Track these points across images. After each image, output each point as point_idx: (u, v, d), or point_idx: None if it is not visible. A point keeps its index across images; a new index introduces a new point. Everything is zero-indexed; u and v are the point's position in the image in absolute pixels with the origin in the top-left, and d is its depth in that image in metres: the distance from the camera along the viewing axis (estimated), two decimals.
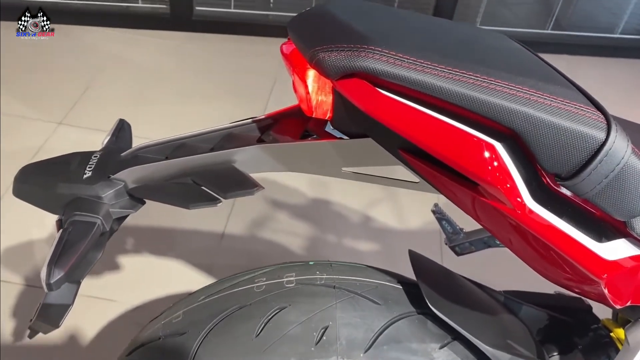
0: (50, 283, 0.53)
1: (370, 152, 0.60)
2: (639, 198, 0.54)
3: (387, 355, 0.73)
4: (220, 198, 0.61)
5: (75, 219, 0.59)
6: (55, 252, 0.55)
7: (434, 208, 1.05)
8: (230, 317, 0.74)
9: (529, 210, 0.53)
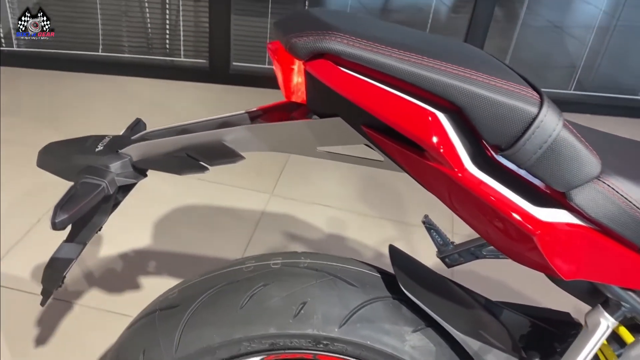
0: (55, 222, 0.63)
1: (340, 131, 0.68)
2: (573, 169, 0.60)
3: (359, 332, 0.79)
4: (207, 166, 0.70)
5: (84, 180, 0.69)
6: (62, 199, 0.65)
7: (424, 219, 1.10)
8: (219, 292, 0.82)
9: (468, 173, 0.60)
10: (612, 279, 0.68)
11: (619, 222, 0.63)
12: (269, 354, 0.81)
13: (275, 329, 0.78)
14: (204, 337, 0.79)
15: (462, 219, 0.66)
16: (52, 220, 0.62)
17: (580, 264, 0.66)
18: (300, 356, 0.82)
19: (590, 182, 0.62)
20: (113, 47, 2.75)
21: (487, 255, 1.05)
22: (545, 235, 0.60)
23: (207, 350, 0.79)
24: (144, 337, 0.84)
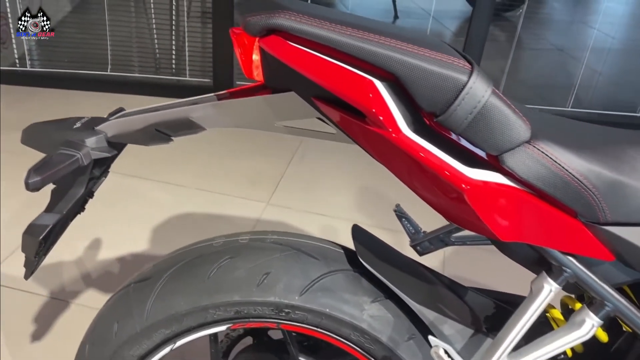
0: (28, 182, 0.69)
1: (294, 105, 0.74)
2: (503, 133, 0.65)
3: (319, 300, 0.83)
4: (172, 137, 0.77)
5: (60, 151, 0.75)
6: (37, 163, 0.71)
7: (395, 208, 1.15)
8: (189, 264, 0.87)
9: (403, 135, 0.65)
10: (550, 242, 0.72)
11: (550, 183, 0.68)
12: (234, 322, 0.85)
13: (239, 297, 0.82)
14: (173, 305, 0.84)
15: (404, 183, 0.70)
16: (25, 181, 0.68)
17: (517, 225, 0.70)
18: (264, 325, 0.86)
19: (521, 146, 0.67)
20: (121, 67, 2.86)
21: (455, 242, 1.09)
22: (475, 192, 0.65)
23: (175, 318, 0.84)
24: (118, 309, 0.89)
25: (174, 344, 0.87)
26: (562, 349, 0.76)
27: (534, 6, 4.21)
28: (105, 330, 0.88)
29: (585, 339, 0.76)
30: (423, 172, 0.66)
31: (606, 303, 0.75)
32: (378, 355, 0.85)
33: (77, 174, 0.80)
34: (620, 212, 0.71)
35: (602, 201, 0.70)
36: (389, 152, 0.68)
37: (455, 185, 0.64)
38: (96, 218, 1.98)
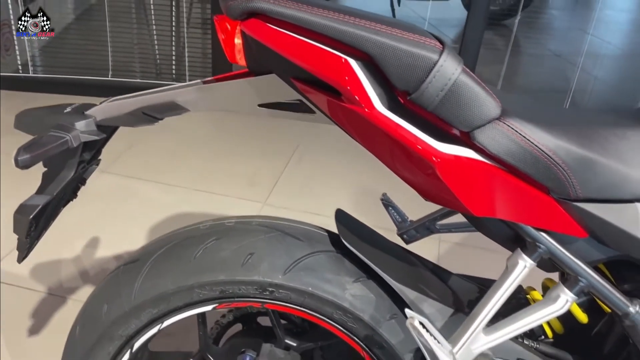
0: (18, 159, 0.71)
1: (275, 86, 0.76)
2: (473, 109, 0.68)
3: (302, 279, 0.85)
4: (157, 119, 0.79)
5: (50, 133, 0.78)
6: (27, 142, 0.74)
7: (382, 197, 1.17)
8: (176, 246, 0.89)
9: (377, 111, 0.67)
10: (523, 218, 0.74)
11: (520, 159, 0.70)
12: (220, 302, 0.87)
13: (224, 276, 0.85)
14: (160, 285, 0.86)
15: (381, 161, 0.73)
16: (14, 158, 0.71)
17: (489, 201, 0.72)
18: (249, 305, 0.88)
19: (491, 122, 0.69)
20: (122, 73, 2.91)
21: (440, 230, 1.11)
22: (446, 165, 0.67)
23: (162, 297, 0.86)
24: (108, 291, 0.91)
25: (162, 323, 0.89)
26: (536, 323, 0.78)
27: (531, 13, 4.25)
28: (95, 312, 0.90)
29: (559, 313, 0.78)
30: (396, 147, 0.69)
31: (580, 279, 0.77)
32: (360, 334, 0.87)
33: (67, 157, 0.83)
34: (591, 188, 0.73)
35: (572, 177, 0.72)
36: (364, 129, 0.70)
37: (426, 159, 0.67)
38: (94, 218, 2.01)
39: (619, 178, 0.74)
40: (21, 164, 0.72)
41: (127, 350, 0.91)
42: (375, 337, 0.86)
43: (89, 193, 2.14)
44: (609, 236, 0.77)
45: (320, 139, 2.70)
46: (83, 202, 2.08)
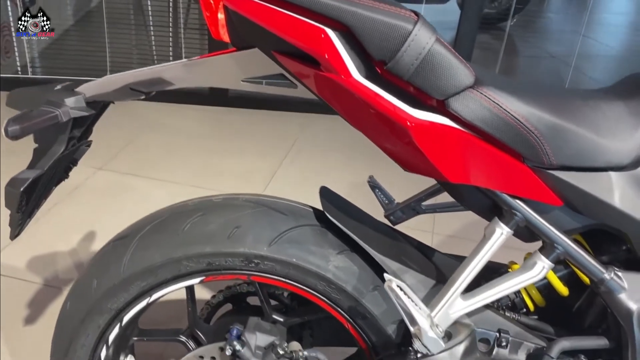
0: (7, 129, 0.74)
1: (258, 61, 0.79)
2: (447, 78, 0.70)
3: (287, 251, 0.87)
4: (144, 93, 0.82)
5: (40, 108, 0.80)
6: (17, 114, 0.76)
7: (369, 179, 1.19)
8: (164, 221, 0.91)
9: (353, 79, 0.70)
10: (499, 185, 0.77)
11: (494, 126, 0.72)
12: (207, 274, 0.89)
13: (210, 248, 0.87)
14: (148, 258, 0.88)
15: (356, 127, 0.75)
16: (4, 128, 0.73)
17: (464, 167, 0.74)
18: (236, 277, 0.90)
19: (465, 90, 0.71)
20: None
21: (426, 210, 1.13)
22: (420, 130, 0.69)
23: (150, 270, 0.88)
24: (97, 266, 0.93)
25: (150, 297, 0.91)
26: (513, 289, 0.80)
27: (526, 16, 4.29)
28: (85, 286, 0.92)
29: (536, 279, 0.79)
30: (373, 114, 0.71)
31: (556, 246, 0.79)
32: (344, 305, 0.89)
33: (57, 133, 0.85)
34: (564, 156, 0.76)
35: (545, 144, 0.74)
36: (343, 98, 0.73)
37: (400, 123, 0.69)
38: (91, 213, 2.03)
39: (591, 147, 0.76)
40: (11, 134, 0.74)
41: (116, 324, 0.92)
42: (359, 308, 0.88)
43: (86, 189, 2.17)
44: (583, 204, 0.79)
45: (317, 135, 2.73)
46: (80, 198, 2.12)
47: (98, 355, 0.94)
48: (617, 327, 0.83)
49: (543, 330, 0.92)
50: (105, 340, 0.93)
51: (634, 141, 0.78)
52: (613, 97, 0.84)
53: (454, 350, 0.84)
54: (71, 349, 0.93)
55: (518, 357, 0.87)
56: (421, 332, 0.74)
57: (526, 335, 0.88)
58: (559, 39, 4.21)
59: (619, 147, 0.77)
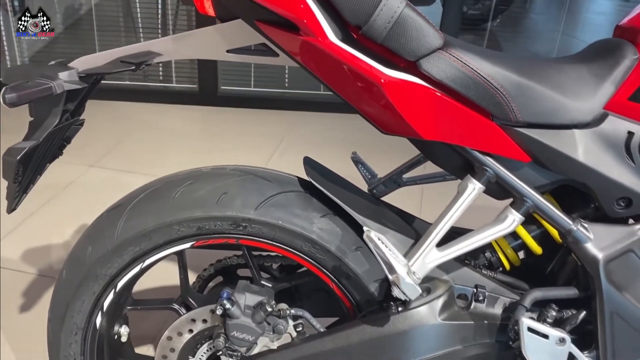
0: (5, 97, 0.78)
1: (242, 31, 0.84)
2: (418, 39, 0.75)
3: (273, 214, 0.92)
4: (135, 65, 0.86)
5: (35, 80, 0.85)
6: (14, 84, 0.81)
7: (352, 155, 1.24)
8: (155, 189, 0.96)
9: (329, 41, 0.75)
10: (470, 141, 0.82)
11: (462, 84, 0.78)
12: (197, 238, 0.94)
13: (200, 213, 0.91)
14: (140, 223, 0.92)
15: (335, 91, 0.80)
16: (2, 96, 0.78)
17: (437, 124, 0.79)
18: (225, 241, 0.94)
19: (435, 52, 0.77)
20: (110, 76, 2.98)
21: (407, 182, 1.18)
22: (393, 86, 0.74)
23: (143, 235, 0.92)
24: (92, 235, 0.97)
25: (143, 262, 0.95)
26: (486, 241, 0.84)
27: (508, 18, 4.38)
28: (80, 254, 0.96)
29: (507, 231, 0.84)
30: (349, 74, 0.76)
31: (525, 200, 0.84)
32: (328, 265, 0.93)
33: (52, 105, 0.89)
34: (529, 113, 0.81)
35: (511, 101, 0.79)
36: (321, 61, 0.78)
37: (375, 81, 0.74)
38: (84, 208, 2.06)
39: (556, 105, 0.82)
40: (8, 101, 0.78)
41: (111, 290, 0.96)
42: (342, 268, 0.92)
43: (79, 185, 2.21)
44: (550, 160, 0.84)
45: (303, 134, 2.77)
46: (73, 194, 2.15)
47: (94, 322, 0.98)
48: (585, 278, 0.88)
49: (518, 287, 0.96)
50: (100, 306, 0.97)
51: (595, 100, 0.84)
52: (576, 61, 0.89)
53: (433, 304, 0.89)
54: (67, 315, 0.97)
55: (494, 310, 0.92)
56: (399, 279, 0.78)
57: (502, 290, 0.93)
58: (540, 37, 4.31)
59: (582, 105, 0.83)
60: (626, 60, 0.85)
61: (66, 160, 2.23)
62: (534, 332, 0.85)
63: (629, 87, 0.83)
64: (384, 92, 0.74)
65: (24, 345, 1.48)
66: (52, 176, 2.12)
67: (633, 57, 0.85)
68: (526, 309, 0.87)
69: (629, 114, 0.84)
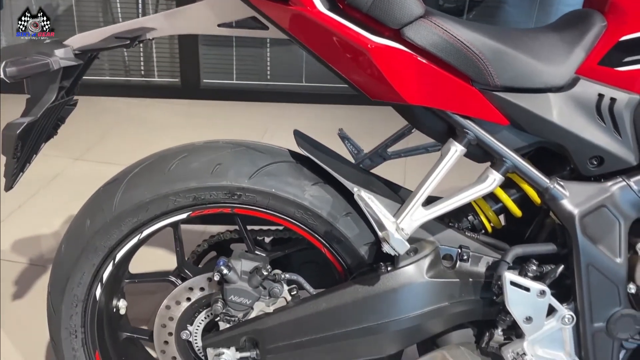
0: (5, 70, 0.81)
1: (232, 5, 0.88)
2: (400, 8, 0.80)
3: (266, 182, 0.95)
4: (129, 40, 0.90)
5: (32, 56, 0.88)
6: (13, 58, 0.83)
7: (339, 131, 1.28)
8: (151, 163, 0.99)
9: (317, 10, 0.79)
10: (451, 105, 0.86)
11: (443, 49, 0.82)
12: (193, 209, 0.97)
13: (196, 183, 0.95)
14: (138, 195, 0.96)
15: (323, 60, 0.84)
16: (2, 69, 0.81)
17: (420, 88, 0.84)
18: (220, 210, 0.98)
19: (417, 20, 0.81)
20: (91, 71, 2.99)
21: (392, 156, 1.23)
22: (379, 52, 0.79)
23: (140, 206, 0.95)
24: (89, 208, 1.00)
25: (141, 233, 0.98)
26: (469, 199, 0.89)
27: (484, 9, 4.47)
28: (79, 227, 0.99)
29: (488, 190, 0.89)
30: (337, 41, 0.80)
31: (505, 160, 0.89)
32: (320, 230, 0.97)
33: (48, 82, 0.92)
34: (506, 78, 0.86)
35: (489, 66, 0.84)
36: (309, 30, 0.82)
37: (362, 46, 0.78)
38: (71, 199, 2.06)
39: (531, 70, 0.87)
40: (9, 74, 0.81)
41: (110, 262, 0.99)
42: (334, 232, 0.97)
43: (65, 177, 2.22)
44: (527, 122, 0.89)
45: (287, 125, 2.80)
46: (60, 186, 2.17)
47: (93, 294, 1.01)
48: (563, 236, 0.94)
49: (500, 247, 1.01)
50: (99, 278, 1.00)
51: (567, 65, 0.89)
52: (549, 30, 0.95)
53: (420, 263, 0.94)
54: (68, 287, 0.99)
55: (478, 268, 0.97)
56: (388, 235, 0.83)
57: (485, 250, 0.98)
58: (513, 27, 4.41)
59: (555, 70, 0.88)
60: (595, 27, 0.90)
61: (52, 153, 2.26)
62: (516, 286, 0.90)
63: (599, 52, 0.89)
64: (371, 58, 0.79)
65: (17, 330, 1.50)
66: (38, 169, 2.13)
67: (601, 24, 0.90)
68: (508, 264, 0.92)
69: (599, 78, 0.89)
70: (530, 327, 0.92)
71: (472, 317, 0.97)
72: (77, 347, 1.03)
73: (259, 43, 3.09)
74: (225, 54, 3.04)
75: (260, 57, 3.11)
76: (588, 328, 0.93)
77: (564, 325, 0.93)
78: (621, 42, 0.87)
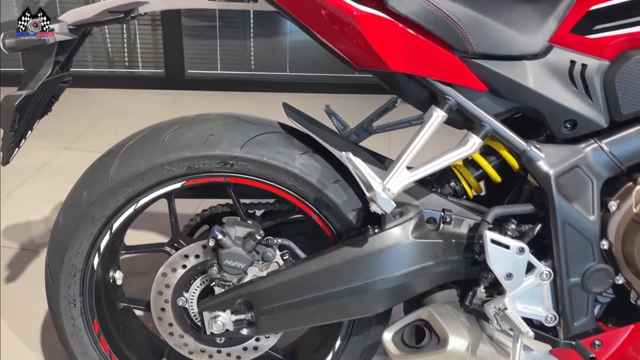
0: (5, 41, 0.84)
1: None
2: None
3: (257, 151, 0.99)
4: (122, 13, 0.93)
5: None
6: (11, 31, 0.87)
7: (325, 108, 1.32)
8: (145, 135, 1.02)
9: None
10: (432, 72, 0.91)
11: (425, 17, 0.87)
12: (187, 178, 1.01)
13: (189, 153, 0.98)
14: (133, 166, 0.99)
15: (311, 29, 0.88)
16: (2, 40, 0.84)
17: (403, 56, 0.88)
18: (213, 179, 1.02)
19: None
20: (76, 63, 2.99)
21: (377, 130, 1.28)
22: (364, 19, 0.83)
23: (136, 176, 0.99)
24: (86, 179, 1.03)
25: (137, 203, 1.01)
26: (450, 162, 0.94)
27: None
28: (76, 199, 1.02)
29: (469, 153, 0.94)
30: (324, 11, 0.84)
31: (484, 124, 0.94)
32: (310, 197, 1.01)
33: (44, 57, 0.95)
34: (485, 45, 0.91)
35: (468, 33, 0.89)
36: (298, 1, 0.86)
37: (348, 14, 0.83)
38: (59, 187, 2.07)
39: (508, 38, 0.92)
40: (7, 45, 0.84)
41: (107, 232, 1.02)
42: (323, 199, 1.01)
43: (53, 166, 2.24)
44: (505, 88, 0.94)
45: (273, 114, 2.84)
46: (48, 174, 2.18)
47: (91, 263, 1.04)
48: (540, 197, 0.99)
49: (481, 211, 1.06)
50: (97, 248, 1.03)
51: (541, 34, 0.94)
52: (525, 0, 1.00)
53: (406, 225, 0.98)
54: (66, 257, 1.02)
55: (461, 230, 1.01)
56: (376, 195, 0.87)
57: (467, 213, 1.03)
58: None
59: (530, 39, 0.93)
60: None
61: (39, 143, 2.27)
62: (496, 244, 0.95)
63: (570, 21, 0.94)
64: (357, 25, 0.83)
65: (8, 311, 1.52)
66: (26, 158, 2.15)
67: None
68: (489, 224, 0.97)
69: (571, 45, 0.94)
70: (510, 283, 0.97)
71: (456, 276, 1.02)
72: (76, 316, 1.06)
73: (242, 34, 3.12)
74: (209, 44, 3.07)
75: (244, 48, 3.14)
76: (565, 283, 0.98)
77: (542, 281, 0.98)
78: (591, 11, 0.93)
